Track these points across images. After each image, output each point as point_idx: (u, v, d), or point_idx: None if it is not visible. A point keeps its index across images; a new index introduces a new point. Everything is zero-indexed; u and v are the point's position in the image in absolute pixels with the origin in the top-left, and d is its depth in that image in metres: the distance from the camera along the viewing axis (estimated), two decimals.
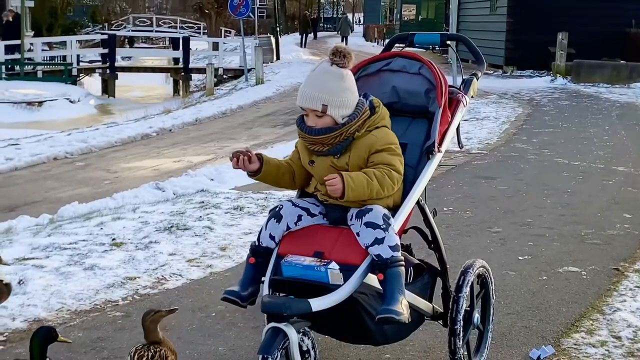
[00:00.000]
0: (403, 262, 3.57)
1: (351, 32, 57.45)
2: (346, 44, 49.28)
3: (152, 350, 3.65)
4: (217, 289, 5.58)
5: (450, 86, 4.18)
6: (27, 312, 5.07)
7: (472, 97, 4.35)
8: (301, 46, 50.51)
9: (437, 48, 28.05)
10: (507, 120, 16.04)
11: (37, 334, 3.60)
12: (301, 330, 3.50)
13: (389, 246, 3.52)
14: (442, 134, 4.04)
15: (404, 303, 3.47)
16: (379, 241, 3.51)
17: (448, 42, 4.58)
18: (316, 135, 3.61)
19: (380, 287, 3.55)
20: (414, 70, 4.20)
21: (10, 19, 31.97)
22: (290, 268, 3.52)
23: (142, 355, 3.63)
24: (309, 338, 3.58)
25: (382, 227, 3.53)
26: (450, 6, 28.33)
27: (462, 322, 4.01)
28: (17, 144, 16.06)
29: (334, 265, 3.48)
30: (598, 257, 6.51)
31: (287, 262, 3.53)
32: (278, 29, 43.36)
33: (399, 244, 3.60)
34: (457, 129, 4.26)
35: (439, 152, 3.99)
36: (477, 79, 4.38)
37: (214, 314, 5.12)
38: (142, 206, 8.45)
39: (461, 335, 4.02)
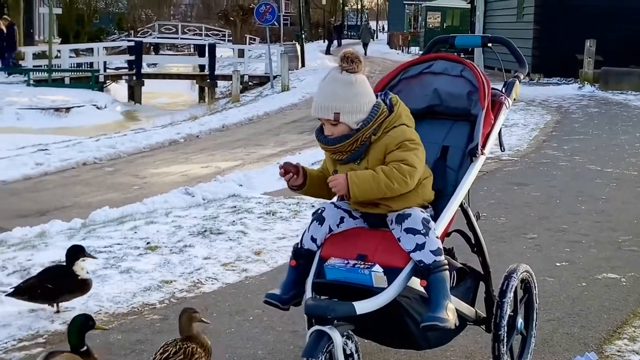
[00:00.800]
0: (447, 267, 3.53)
1: (372, 39, 57.60)
2: (366, 50, 49.60)
3: (178, 346, 3.71)
4: (254, 293, 5.57)
5: (493, 88, 4.15)
6: (65, 315, 5.06)
7: (514, 99, 4.31)
8: (326, 53, 50.71)
9: (462, 54, 28.02)
10: (536, 127, 15.96)
11: (74, 321, 3.70)
12: (345, 333, 3.47)
13: (430, 251, 3.49)
14: (485, 137, 4.00)
15: (450, 308, 3.44)
16: (420, 247, 3.48)
17: (489, 45, 4.54)
18: (332, 145, 3.58)
19: (424, 291, 3.52)
20: (456, 73, 4.16)
21: (3, 28, 31.58)
22: (333, 271, 3.50)
23: (167, 350, 3.69)
24: (352, 341, 3.55)
25: (422, 232, 3.50)
26: (477, 13, 28.30)
27: (506, 327, 3.97)
28: (46, 149, 16.18)
29: (377, 268, 3.45)
30: (636, 264, 6.42)
31: (331, 265, 3.51)
32: (303, 36, 43.42)
33: (441, 248, 3.56)
34: (500, 132, 4.22)
35: (482, 154, 3.96)
36: (520, 82, 4.35)
37: (251, 318, 5.10)
38: (174, 210, 8.47)
39: (505, 340, 3.97)
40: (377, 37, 77.54)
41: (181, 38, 59.56)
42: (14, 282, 5.67)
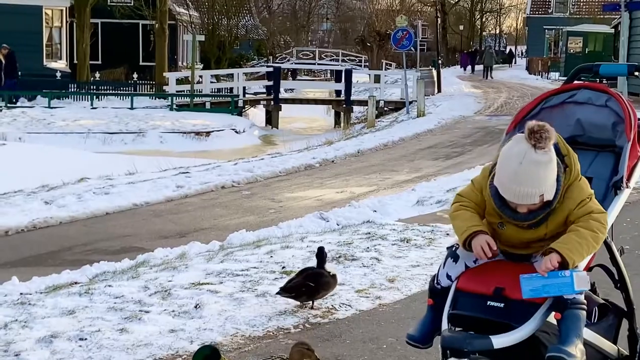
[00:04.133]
0: (585, 305, 3.41)
1: (495, 63, 57.53)
2: (490, 73, 50.76)
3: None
4: (388, 321, 5.56)
5: (639, 119, 4.01)
6: (203, 336, 5.20)
7: None
8: (484, 77, 51.57)
9: (605, 81, 27.24)
10: None
11: (199, 352, 3.67)
12: None
13: None
14: (630, 169, 3.88)
15: (579, 348, 3.32)
16: None
17: (636, 74, 4.40)
18: (528, 221, 3.46)
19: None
20: (601, 103, 4.05)
21: (2, 58, 31.06)
22: (529, 281, 3.37)
23: None
24: None
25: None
26: (621, 39, 27.49)
27: None
28: (187, 172, 16.66)
29: (579, 268, 3.37)
30: None
31: (527, 276, 3.39)
32: (439, 61, 43.28)
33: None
34: None
35: (627, 187, 3.83)
36: None
37: (385, 346, 5.09)
38: (309, 235, 8.56)
39: None
40: (515, 62, 76.44)
41: (318, 63, 60.41)
42: (156, 302, 5.88)
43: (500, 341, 3.33)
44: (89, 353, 4.87)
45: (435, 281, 3.70)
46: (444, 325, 3.53)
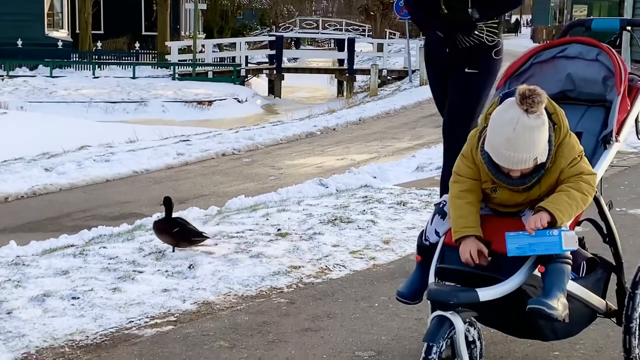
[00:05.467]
0: (570, 260, 3.40)
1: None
2: None
3: None
4: (381, 280, 5.56)
5: (630, 73, 3.98)
6: (196, 295, 5.21)
7: None
8: None
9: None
10: None
11: None
12: (467, 320, 3.41)
13: None
14: (620, 123, 3.85)
15: (562, 301, 3.30)
16: None
17: (628, 28, 4.36)
18: (523, 185, 3.41)
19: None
20: (591, 57, 4.02)
21: None
22: (516, 239, 3.35)
23: None
24: (475, 329, 3.49)
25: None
26: (624, 5, 27.27)
27: (638, 320, 3.81)
28: (188, 140, 16.67)
29: (567, 227, 3.35)
30: None
31: (514, 233, 3.37)
32: None
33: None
34: (637, 119, 4.06)
35: (616, 141, 3.81)
36: None
37: (377, 304, 5.09)
38: (306, 199, 8.55)
39: (637, 334, 3.82)
40: (520, 32, 75.96)
41: (322, 33, 60.17)
42: (150, 263, 5.89)
43: (486, 294, 3.33)
44: (81, 311, 4.88)
45: (424, 238, 3.69)
46: (431, 279, 3.53)
